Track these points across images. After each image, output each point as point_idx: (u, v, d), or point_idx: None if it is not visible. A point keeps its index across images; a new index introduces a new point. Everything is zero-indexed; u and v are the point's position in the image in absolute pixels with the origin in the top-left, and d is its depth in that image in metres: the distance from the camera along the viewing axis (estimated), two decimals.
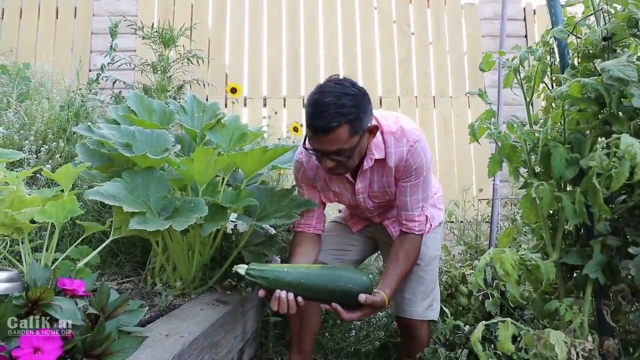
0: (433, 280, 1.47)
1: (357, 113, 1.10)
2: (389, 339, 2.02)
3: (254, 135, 1.55)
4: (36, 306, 0.66)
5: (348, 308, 1.14)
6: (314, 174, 1.37)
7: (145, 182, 1.14)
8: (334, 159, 1.16)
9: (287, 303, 1.11)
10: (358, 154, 1.19)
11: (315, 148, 1.16)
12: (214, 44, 3.28)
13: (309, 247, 1.39)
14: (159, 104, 1.51)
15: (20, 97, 2.08)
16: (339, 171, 1.22)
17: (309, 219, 1.41)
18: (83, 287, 0.74)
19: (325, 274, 1.15)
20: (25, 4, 3.31)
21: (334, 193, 1.41)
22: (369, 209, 1.42)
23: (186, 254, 1.40)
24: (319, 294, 1.14)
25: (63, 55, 3.21)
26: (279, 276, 1.13)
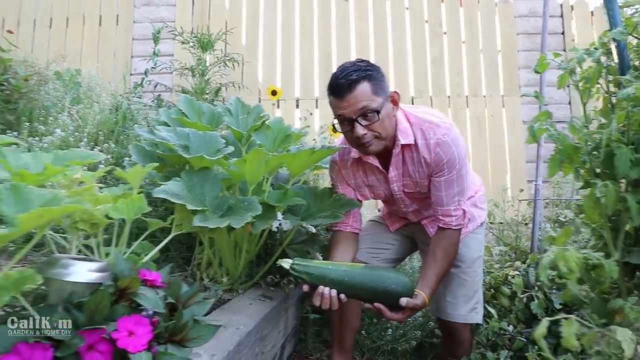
0: (476, 283, 1.44)
1: (375, 73, 1.16)
2: (425, 339, 2.03)
3: (297, 137, 1.60)
4: (124, 294, 0.72)
5: (389, 308, 1.16)
6: (348, 172, 1.40)
7: (200, 181, 1.20)
8: (364, 123, 1.16)
9: (329, 299, 1.14)
10: (387, 122, 1.19)
11: (343, 115, 1.18)
12: (248, 48, 3.36)
13: (347, 246, 1.41)
14: (207, 106, 1.58)
15: (73, 101, 2.20)
16: (371, 143, 1.20)
17: (347, 217, 1.42)
18: (160, 278, 0.79)
19: (368, 274, 1.17)
20: (71, 13, 3.49)
21: (369, 188, 1.41)
22: (404, 201, 1.41)
23: (232, 250, 1.46)
24: (360, 293, 1.16)
25: (106, 60, 3.36)
26: (323, 273, 1.16)
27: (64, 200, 0.63)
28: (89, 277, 0.69)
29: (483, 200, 1.56)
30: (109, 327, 0.63)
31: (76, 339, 0.60)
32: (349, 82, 1.13)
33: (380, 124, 1.17)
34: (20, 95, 2.20)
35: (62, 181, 0.94)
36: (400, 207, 1.45)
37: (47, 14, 3.50)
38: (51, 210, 0.56)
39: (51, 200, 0.63)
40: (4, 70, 2.15)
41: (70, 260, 0.69)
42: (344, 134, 1.25)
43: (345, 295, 1.14)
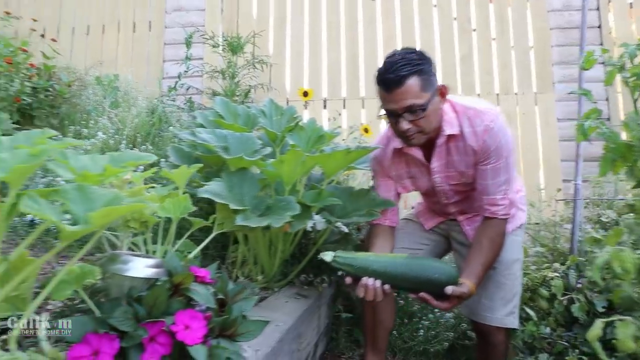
0: (514, 286, 1.40)
1: (425, 68, 1.15)
2: (457, 340, 2.00)
3: (330, 137, 1.61)
4: (178, 289, 0.75)
5: (435, 297, 1.14)
6: (390, 163, 1.40)
7: (239, 181, 1.23)
8: (409, 118, 1.16)
9: (374, 290, 1.13)
10: (432, 117, 1.19)
11: (389, 108, 1.18)
12: (276, 50, 3.40)
13: (385, 240, 1.41)
14: (242, 108, 1.61)
15: (112, 105, 2.30)
16: (414, 137, 1.20)
17: (385, 211, 1.42)
18: (209, 275, 0.82)
19: (411, 264, 1.16)
20: (107, 21, 3.63)
21: (411, 179, 1.41)
22: (446, 193, 1.39)
23: (268, 249, 1.49)
24: (404, 283, 1.16)
25: (140, 65, 3.48)
26: (365, 264, 1.15)
27: (124, 200, 0.66)
28: (146, 273, 0.72)
29: (524, 202, 1.52)
30: (167, 320, 0.66)
31: (140, 330, 0.63)
32: (398, 77, 1.12)
33: (426, 120, 1.17)
34: (63, 100, 2.31)
35: (114, 181, 0.99)
36: (441, 199, 1.42)
37: (85, 22, 3.65)
38: (119, 209, 0.59)
39: (113, 199, 0.66)
40: (49, 76, 2.27)
41: (129, 256, 0.72)
42: (389, 123, 1.26)
43: (390, 286, 1.14)
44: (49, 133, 0.79)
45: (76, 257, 0.75)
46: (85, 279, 0.83)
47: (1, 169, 0.57)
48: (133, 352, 0.62)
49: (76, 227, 0.55)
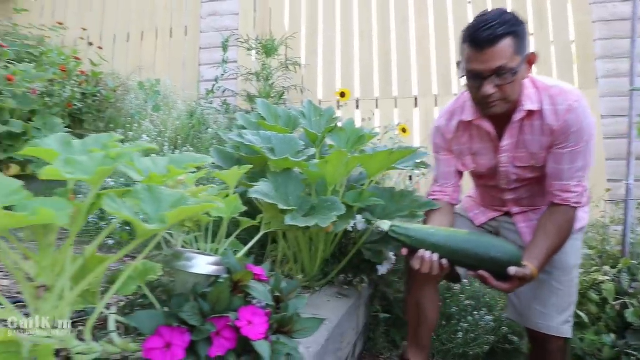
0: (571, 294, 1.30)
1: (521, 30, 1.08)
2: (497, 344, 1.96)
3: (369, 137, 1.62)
4: (237, 287, 0.77)
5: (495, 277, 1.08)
6: (452, 137, 1.34)
7: (284, 182, 1.25)
8: (496, 82, 1.09)
9: (430, 263, 1.09)
10: (518, 85, 1.11)
11: (475, 70, 1.10)
12: (308, 51, 3.43)
13: (444, 216, 1.35)
14: (283, 110, 1.64)
15: (154, 108, 2.39)
16: (496, 104, 1.13)
17: (446, 186, 1.37)
18: (264, 273, 0.84)
19: (473, 240, 1.11)
20: (145, 27, 3.77)
21: (473, 156, 1.33)
22: (508, 176, 1.30)
23: (308, 248, 1.51)
24: (463, 259, 1.10)
25: (176, 69, 3.59)
26: (424, 236, 1.12)
27: (189, 200, 0.69)
28: (208, 270, 0.75)
29: (588, 203, 1.41)
30: (230, 316, 0.68)
31: (208, 325, 0.66)
32: (493, 36, 1.04)
33: (512, 86, 1.10)
34: (109, 105, 2.42)
35: (170, 182, 1.04)
36: (501, 183, 1.33)
37: (125, 30, 3.80)
38: (192, 208, 0.62)
39: (179, 199, 0.69)
40: (96, 83, 2.38)
41: (191, 254, 0.75)
42: (468, 87, 1.18)
43: (448, 261, 1.10)
44: (116, 137, 0.83)
45: (142, 254, 0.79)
46: (147, 275, 0.87)
47: (82, 171, 0.61)
48: (202, 345, 0.65)
49: (154, 226, 0.59)
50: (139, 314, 0.69)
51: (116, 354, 0.78)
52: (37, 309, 0.68)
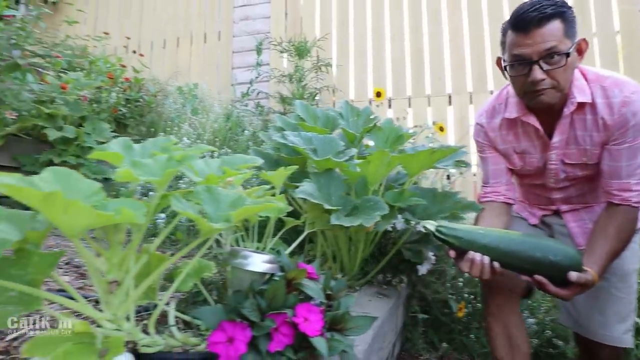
0: (631, 301, 1.22)
1: (570, 13, 1.01)
2: (541, 348, 1.90)
3: (408, 137, 1.61)
4: (290, 284, 0.79)
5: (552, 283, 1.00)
6: (496, 135, 1.27)
7: (326, 182, 1.27)
8: (546, 67, 1.01)
9: (481, 266, 1.01)
10: (570, 72, 1.03)
11: (522, 54, 1.03)
12: (339, 52, 3.44)
13: (498, 218, 1.26)
14: (321, 110, 1.66)
15: (192, 112, 2.47)
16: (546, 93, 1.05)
17: (498, 186, 1.29)
18: (315, 271, 0.86)
19: (529, 242, 1.02)
20: (181, 34, 3.89)
21: (520, 156, 1.25)
22: (556, 175, 1.22)
23: (348, 248, 1.52)
24: (517, 262, 1.02)
25: (210, 73, 3.68)
26: (474, 237, 1.03)
27: (247, 200, 0.72)
28: (263, 268, 0.77)
29: None
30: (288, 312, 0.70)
31: (268, 321, 0.68)
32: (541, 15, 0.98)
33: (564, 72, 1.01)
34: (150, 109, 2.51)
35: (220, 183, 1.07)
36: (548, 182, 1.25)
37: (162, 36, 3.94)
38: (255, 208, 0.64)
39: (237, 199, 0.72)
40: (139, 88, 2.48)
41: (247, 252, 0.78)
42: (513, 78, 1.11)
43: (499, 264, 1.01)
44: (173, 140, 0.87)
45: (199, 253, 0.83)
46: (202, 272, 0.91)
47: (150, 173, 0.65)
48: (262, 340, 0.67)
49: (219, 224, 0.61)
50: (202, 310, 0.72)
51: (177, 347, 0.81)
52: (108, 303, 0.73)
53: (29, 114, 1.77)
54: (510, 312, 1.30)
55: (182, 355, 0.78)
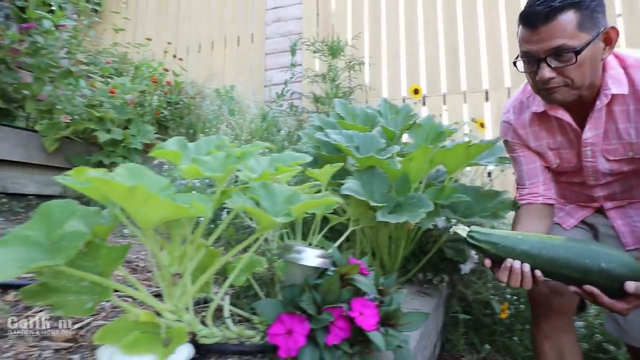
0: None
1: (588, 1, 0.90)
2: (590, 353, 1.82)
3: (449, 133, 1.58)
4: (342, 279, 0.80)
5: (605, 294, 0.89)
6: (527, 132, 1.17)
7: (369, 180, 1.27)
8: (554, 64, 0.92)
9: (520, 275, 0.91)
10: (588, 67, 0.93)
11: (529, 52, 0.95)
12: (372, 50, 3.42)
13: (539, 221, 1.16)
14: (360, 109, 1.66)
15: (229, 112, 2.53)
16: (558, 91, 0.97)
17: (534, 186, 1.20)
18: (365, 267, 0.86)
19: (576, 247, 0.90)
20: (215, 38, 3.99)
21: (555, 152, 1.15)
22: (595, 172, 1.12)
23: (388, 246, 1.51)
24: (564, 271, 0.90)
25: (244, 75, 3.76)
26: (512, 243, 0.93)
27: (301, 196, 0.73)
28: (317, 262, 0.79)
29: None
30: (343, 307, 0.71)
31: (325, 314, 0.69)
32: (548, 9, 0.89)
33: (577, 69, 0.92)
34: (189, 111, 2.60)
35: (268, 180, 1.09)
36: (588, 180, 1.16)
37: (197, 41, 4.06)
38: (313, 202, 0.66)
39: (292, 195, 0.73)
40: (179, 91, 2.57)
41: (301, 247, 0.79)
42: (527, 74, 1.03)
43: (542, 273, 0.91)
44: (225, 139, 0.90)
45: (253, 248, 0.85)
46: (254, 268, 0.93)
47: (212, 169, 0.67)
48: (320, 333, 0.68)
49: (281, 218, 0.63)
50: (260, 303, 0.74)
51: (233, 339, 0.84)
52: (170, 295, 0.76)
53: (80, 117, 1.87)
54: (564, 332, 1.21)
55: (239, 347, 0.81)
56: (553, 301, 1.18)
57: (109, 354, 0.72)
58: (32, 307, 1.05)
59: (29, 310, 1.04)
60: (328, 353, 0.68)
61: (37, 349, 0.88)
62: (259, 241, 0.85)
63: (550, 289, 1.17)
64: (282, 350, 0.66)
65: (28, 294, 0.68)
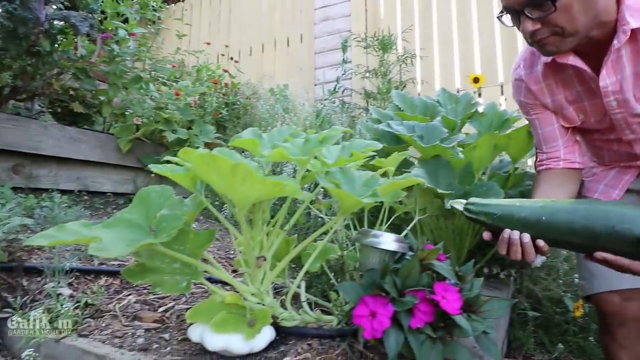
0: None
1: None
2: None
3: (514, 120, 1.51)
4: (421, 264, 0.79)
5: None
6: (541, 87, 1.03)
7: (434, 169, 1.25)
8: (534, 15, 0.81)
9: (519, 246, 0.80)
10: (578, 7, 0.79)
11: (507, 5, 0.85)
12: (423, 43, 3.35)
13: (560, 188, 1.03)
14: (419, 99, 1.64)
15: (284, 111, 2.58)
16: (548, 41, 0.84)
17: (554, 150, 1.07)
18: (441, 253, 0.85)
19: (581, 209, 0.77)
20: (265, 40, 4.10)
21: (578, 106, 1.00)
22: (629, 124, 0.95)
23: (452, 238, 1.47)
24: (569, 237, 0.77)
25: (294, 75, 3.83)
26: (509, 211, 0.82)
27: (379, 180, 0.73)
28: (395, 246, 0.79)
29: None
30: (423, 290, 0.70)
31: (409, 297, 0.69)
32: None
33: (563, 15, 0.79)
34: (245, 112, 2.69)
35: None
36: (623, 134, 0.99)
37: (248, 44, 4.19)
38: (399, 183, 0.66)
39: (370, 179, 0.74)
40: (235, 92, 2.67)
41: (378, 231, 0.80)
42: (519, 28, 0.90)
43: (546, 242, 0.80)
44: (297, 129, 0.92)
45: (328, 236, 0.87)
46: (328, 255, 0.95)
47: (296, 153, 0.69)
48: (403, 316, 0.68)
49: (367, 199, 0.64)
50: (342, 285, 0.75)
51: (311, 323, 0.86)
52: (253, 277, 0.80)
53: (149, 120, 2.00)
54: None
55: (318, 330, 0.82)
56: (628, 308, 1.05)
57: (199, 332, 0.76)
58: (122, 292, 1.14)
59: (119, 294, 1.13)
60: (412, 336, 0.67)
61: (130, 328, 0.95)
62: (333, 229, 0.86)
63: (621, 296, 1.05)
64: (367, 331, 0.67)
65: (129, 273, 0.74)
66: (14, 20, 1.40)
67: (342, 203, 0.67)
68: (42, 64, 1.72)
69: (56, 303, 0.96)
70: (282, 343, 0.81)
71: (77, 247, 1.33)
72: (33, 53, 1.67)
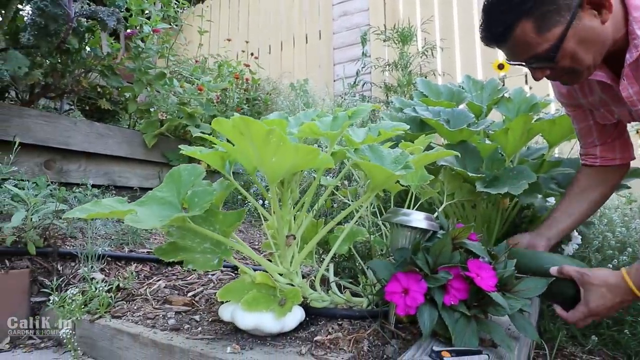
0: None
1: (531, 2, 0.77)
2: None
3: (543, 105, 1.47)
4: (453, 243, 0.77)
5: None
6: (569, 90, 1.04)
7: (461, 153, 1.22)
8: (541, 66, 0.83)
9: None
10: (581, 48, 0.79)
11: (512, 62, 0.87)
12: (443, 34, 3.29)
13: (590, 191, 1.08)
14: (444, 86, 1.61)
15: (305, 105, 2.59)
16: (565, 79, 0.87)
17: (590, 147, 1.10)
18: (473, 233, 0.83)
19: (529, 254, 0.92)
20: (283, 38, 4.12)
21: (607, 109, 1.01)
22: None
23: (480, 225, 1.44)
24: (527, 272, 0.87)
25: (313, 71, 3.83)
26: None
27: (409, 156, 0.72)
28: (425, 224, 0.77)
29: None
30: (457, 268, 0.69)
31: (443, 273, 0.67)
32: (497, 34, 0.82)
33: (569, 59, 0.80)
34: (266, 107, 2.70)
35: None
36: None
37: (267, 42, 4.22)
38: (431, 155, 0.65)
39: (400, 155, 0.73)
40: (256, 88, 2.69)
41: (408, 210, 0.79)
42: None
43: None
44: (322, 111, 0.92)
45: (355, 218, 0.86)
46: (355, 237, 0.94)
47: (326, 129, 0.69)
48: (437, 293, 0.66)
49: (400, 171, 0.63)
50: (374, 262, 0.74)
51: (341, 304, 0.85)
52: (283, 257, 0.79)
53: (172, 115, 2.03)
54: None
55: (348, 311, 0.82)
56: None
57: (230, 311, 0.77)
58: (151, 277, 1.16)
59: (149, 280, 1.15)
60: (446, 313, 0.66)
61: (161, 311, 0.96)
62: (361, 211, 0.85)
63: None
64: (400, 308, 0.66)
65: (162, 252, 0.75)
66: (45, 16, 1.44)
67: (374, 178, 0.66)
68: (71, 61, 1.77)
69: (90, 286, 0.98)
70: (312, 324, 0.81)
71: (108, 236, 1.36)
72: (63, 51, 1.72)
